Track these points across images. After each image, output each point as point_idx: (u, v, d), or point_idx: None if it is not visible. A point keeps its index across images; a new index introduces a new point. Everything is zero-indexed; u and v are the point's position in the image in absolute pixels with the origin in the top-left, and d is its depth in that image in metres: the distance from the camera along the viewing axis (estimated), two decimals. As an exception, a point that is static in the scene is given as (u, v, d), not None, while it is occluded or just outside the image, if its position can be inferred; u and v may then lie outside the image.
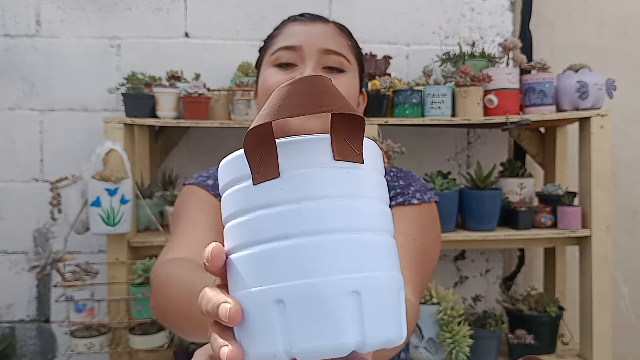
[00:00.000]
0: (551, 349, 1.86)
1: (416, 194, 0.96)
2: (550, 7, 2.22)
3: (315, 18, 0.94)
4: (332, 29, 0.94)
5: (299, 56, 0.89)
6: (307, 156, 0.39)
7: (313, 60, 0.88)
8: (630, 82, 2.19)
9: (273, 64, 0.91)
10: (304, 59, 0.88)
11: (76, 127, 1.99)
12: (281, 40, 0.91)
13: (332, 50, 0.90)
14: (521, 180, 1.90)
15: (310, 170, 0.39)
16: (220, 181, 0.45)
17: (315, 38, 0.90)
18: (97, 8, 1.98)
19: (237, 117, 1.72)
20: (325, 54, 0.89)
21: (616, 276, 2.24)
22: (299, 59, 0.89)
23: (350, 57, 0.93)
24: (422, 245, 0.91)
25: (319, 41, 0.89)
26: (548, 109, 1.77)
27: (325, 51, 0.89)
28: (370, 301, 0.38)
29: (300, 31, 0.91)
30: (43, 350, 2.04)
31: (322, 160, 0.39)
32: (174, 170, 1.97)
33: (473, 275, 2.17)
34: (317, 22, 0.94)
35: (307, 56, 0.88)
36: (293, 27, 0.93)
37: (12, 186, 1.99)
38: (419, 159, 2.13)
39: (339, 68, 0.90)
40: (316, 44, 0.89)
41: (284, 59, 0.89)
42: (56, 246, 1.95)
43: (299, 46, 0.88)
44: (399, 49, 2.07)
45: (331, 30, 0.93)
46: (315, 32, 0.91)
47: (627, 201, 2.24)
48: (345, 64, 0.91)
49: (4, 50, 1.97)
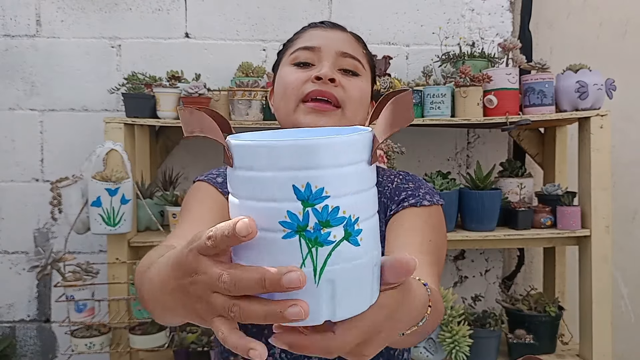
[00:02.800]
0: (551, 349, 1.87)
1: (426, 196, 0.99)
2: (549, 7, 2.22)
3: (334, 25, 0.99)
4: (350, 37, 0.99)
5: (316, 56, 0.92)
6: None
7: (330, 60, 0.92)
8: (630, 82, 2.19)
9: (291, 62, 0.94)
10: (322, 59, 0.92)
11: (76, 127, 1.99)
12: (301, 42, 0.95)
13: (349, 53, 0.94)
14: (521, 180, 1.91)
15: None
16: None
17: (333, 41, 0.94)
18: (98, 8, 1.99)
19: (237, 117, 1.73)
20: (342, 56, 0.93)
21: (616, 276, 2.24)
22: (316, 59, 0.92)
23: (365, 63, 0.97)
24: (435, 245, 0.94)
25: (336, 44, 0.94)
26: (548, 109, 1.78)
27: (342, 54, 0.93)
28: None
29: (320, 35, 0.95)
30: (43, 350, 2.05)
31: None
32: (174, 170, 1.97)
33: (473, 275, 2.17)
34: (335, 29, 0.98)
35: (325, 57, 0.92)
36: (313, 32, 0.97)
37: (13, 186, 2.00)
38: (419, 159, 2.13)
39: (354, 71, 0.94)
40: (334, 46, 0.93)
41: (302, 58, 0.93)
42: (57, 246, 1.95)
43: (318, 47, 0.92)
44: (398, 49, 2.07)
45: (348, 38, 0.98)
46: (334, 36, 0.96)
47: (626, 201, 2.25)
48: (360, 68, 0.95)
49: (5, 51, 1.97)
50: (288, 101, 0.91)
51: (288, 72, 0.93)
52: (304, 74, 0.91)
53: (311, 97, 0.89)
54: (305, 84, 0.90)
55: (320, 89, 0.89)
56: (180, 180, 1.98)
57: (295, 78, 0.91)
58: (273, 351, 0.91)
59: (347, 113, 0.92)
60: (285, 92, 0.92)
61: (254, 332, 0.89)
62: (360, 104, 0.94)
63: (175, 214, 1.72)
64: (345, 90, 0.91)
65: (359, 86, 0.94)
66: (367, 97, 0.97)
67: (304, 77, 0.90)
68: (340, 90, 0.91)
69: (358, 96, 0.93)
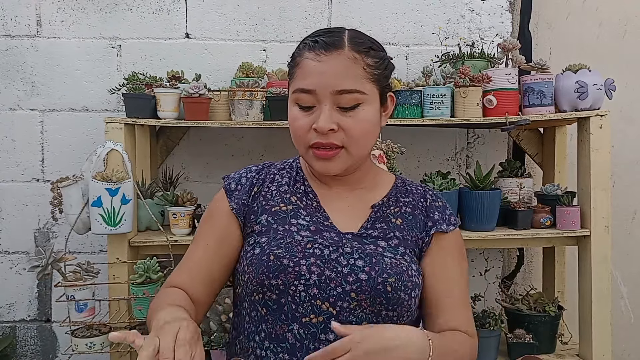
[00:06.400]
0: (550, 349, 1.87)
1: (451, 217, 1.09)
2: (549, 7, 2.23)
3: (329, 47, 0.96)
4: (346, 59, 0.96)
5: (315, 98, 0.97)
6: None
7: (327, 102, 0.96)
8: (630, 82, 2.20)
9: (295, 102, 1.00)
10: (320, 101, 0.96)
11: (77, 128, 2.00)
12: (299, 79, 0.98)
13: (345, 90, 0.95)
14: (520, 180, 1.91)
15: None
16: None
17: (327, 79, 0.95)
18: (98, 9, 1.99)
19: (237, 118, 1.73)
20: (338, 94, 0.95)
21: (615, 276, 2.25)
22: (315, 101, 0.97)
23: (365, 85, 0.97)
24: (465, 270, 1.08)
25: (330, 82, 0.95)
26: (547, 110, 1.78)
27: (338, 92, 0.95)
28: None
29: (314, 71, 0.96)
30: (44, 350, 2.05)
31: None
32: (175, 170, 1.97)
33: (472, 275, 2.18)
34: (331, 53, 0.96)
35: (322, 99, 0.96)
36: (309, 64, 0.97)
37: (13, 186, 2.00)
38: (418, 159, 2.13)
39: (353, 106, 0.97)
40: (328, 86, 0.95)
41: (302, 101, 0.98)
42: (57, 246, 1.96)
43: (314, 90, 0.96)
44: (398, 49, 2.07)
45: (344, 62, 0.96)
46: (328, 70, 0.95)
47: (626, 201, 2.25)
48: (359, 97, 0.97)
49: (5, 51, 1.97)
50: (299, 145, 1.01)
51: (294, 116, 1.00)
52: (306, 121, 0.97)
53: (315, 147, 0.97)
54: (309, 133, 0.97)
55: (321, 140, 0.96)
56: (181, 180, 1.98)
57: (300, 126, 0.98)
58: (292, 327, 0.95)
59: (351, 151, 0.98)
60: (295, 136, 1.01)
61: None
62: (364, 138, 0.99)
63: (176, 214, 1.73)
64: (346, 132, 0.96)
65: (360, 120, 0.97)
66: (372, 124, 0.99)
67: (306, 126, 0.97)
68: (340, 135, 0.96)
69: (359, 133, 0.97)
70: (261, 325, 0.98)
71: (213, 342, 1.73)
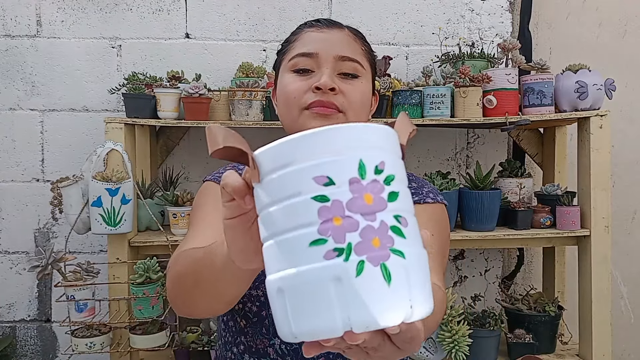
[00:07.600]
0: (550, 349, 1.87)
1: (429, 194, 1.01)
2: (549, 7, 2.23)
3: (330, 24, 0.97)
4: (347, 35, 0.97)
5: (315, 63, 0.92)
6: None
7: (329, 66, 0.92)
8: (630, 82, 2.20)
9: (291, 69, 0.94)
10: (320, 65, 0.92)
11: (77, 128, 2.00)
12: (299, 47, 0.94)
13: (347, 56, 0.93)
14: (520, 180, 1.91)
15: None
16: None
17: (331, 45, 0.93)
18: (98, 9, 1.99)
19: (237, 118, 1.73)
20: (341, 60, 0.93)
21: (615, 276, 2.25)
22: (315, 65, 0.92)
23: (364, 62, 0.96)
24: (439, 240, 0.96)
25: (334, 48, 0.92)
26: (547, 110, 1.78)
27: (341, 58, 0.92)
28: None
29: (317, 38, 0.94)
30: (44, 350, 2.05)
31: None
32: (175, 170, 1.97)
33: (472, 275, 2.18)
34: (332, 28, 0.96)
35: (323, 63, 0.92)
36: (310, 34, 0.95)
37: (13, 186, 2.00)
38: (418, 159, 2.13)
39: (353, 74, 0.94)
40: (332, 50, 0.92)
41: (301, 65, 0.93)
42: (57, 246, 1.96)
43: (316, 53, 0.92)
44: (398, 49, 2.07)
45: (346, 37, 0.96)
46: (331, 38, 0.94)
47: (626, 201, 2.25)
48: (359, 69, 0.95)
49: (5, 51, 1.97)
50: (291, 110, 0.93)
51: (289, 81, 0.93)
52: (304, 83, 0.91)
53: (313, 106, 0.90)
54: (307, 94, 0.91)
55: (321, 99, 0.90)
56: (181, 180, 1.98)
57: (296, 88, 0.91)
58: (273, 342, 0.91)
59: (349, 118, 0.93)
60: (287, 101, 0.93)
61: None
62: (361, 107, 0.95)
63: (176, 214, 1.73)
64: (346, 96, 0.92)
65: (359, 89, 0.94)
66: (368, 97, 0.97)
67: (305, 87, 0.91)
68: (340, 98, 0.91)
69: (359, 100, 0.94)
70: (240, 338, 0.95)
71: (213, 342, 1.73)
